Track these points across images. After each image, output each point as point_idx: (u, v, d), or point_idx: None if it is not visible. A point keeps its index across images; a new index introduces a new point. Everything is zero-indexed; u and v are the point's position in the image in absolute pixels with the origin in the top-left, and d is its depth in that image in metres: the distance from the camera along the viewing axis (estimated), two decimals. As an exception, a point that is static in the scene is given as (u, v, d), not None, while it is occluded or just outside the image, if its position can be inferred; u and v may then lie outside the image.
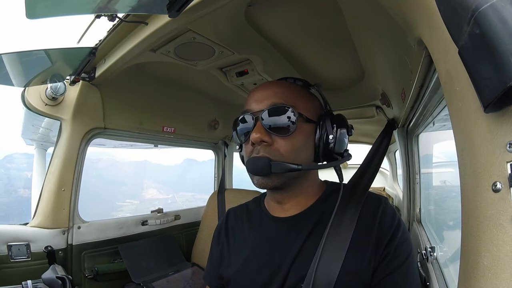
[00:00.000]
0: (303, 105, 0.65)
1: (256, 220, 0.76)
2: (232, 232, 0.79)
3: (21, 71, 1.06)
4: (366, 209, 0.64)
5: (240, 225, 0.79)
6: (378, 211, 0.63)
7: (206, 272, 0.85)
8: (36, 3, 0.62)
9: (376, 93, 1.31)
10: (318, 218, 0.66)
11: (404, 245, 0.60)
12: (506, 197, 0.26)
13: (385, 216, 0.62)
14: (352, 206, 0.64)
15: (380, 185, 3.43)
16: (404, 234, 0.61)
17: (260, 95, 0.66)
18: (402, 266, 0.58)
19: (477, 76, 0.26)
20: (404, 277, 0.58)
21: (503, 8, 0.23)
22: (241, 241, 0.76)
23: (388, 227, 0.60)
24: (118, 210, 27.88)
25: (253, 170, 0.62)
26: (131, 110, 1.49)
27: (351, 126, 0.69)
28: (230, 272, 0.73)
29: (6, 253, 1.11)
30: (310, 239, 0.64)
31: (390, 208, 0.64)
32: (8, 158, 26.76)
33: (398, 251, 0.59)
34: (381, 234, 0.60)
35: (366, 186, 0.75)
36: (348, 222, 0.62)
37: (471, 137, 0.30)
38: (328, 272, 0.58)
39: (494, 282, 0.27)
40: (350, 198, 0.66)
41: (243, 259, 0.71)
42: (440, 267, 0.86)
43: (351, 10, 0.76)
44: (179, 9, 0.70)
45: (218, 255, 0.79)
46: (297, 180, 0.67)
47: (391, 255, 0.58)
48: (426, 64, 0.59)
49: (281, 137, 0.62)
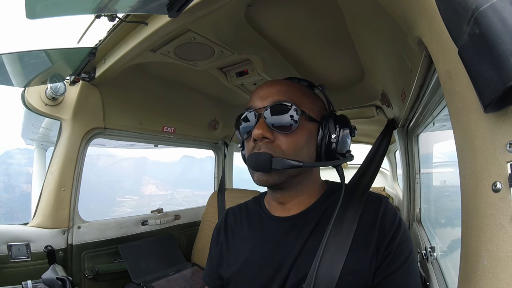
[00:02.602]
0: (306, 104, 0.65)
1: (256, 220, 0.76)
2: (232, 232, 0.78)
3: (21, 71, 1.05)
4: (367, 209, 0.64)
5: (239, 224, 0.78)
6: (379, 210, 0.63)
7: (205, 273, 0.85)
8: (36, 3, 0.62)
9: (376, 93, 1.32)
10: (319, 217, 0.66)
11: (405, 245, 0.60)
12: (506, 197, 0.26)
13: (386, 216, 0.62)
14: (353, 206, 0.64)
15: (380, 185, 3.43)
16: (405, 233, 0.61)
17: (264, 92, 0.66)
18: (403, 266, 0.58)
19: (477, 76, 0.26)
20: (405, 276, 0.58)
21: (503, 8, 0.23)
22: (240, 240, 0.75)
23: (389, 226, 0.60)
24: (119, 205, 27.90)
25: (254, 165, 0.62)
26: (131, 110, 1.49)
27: (354, 127, 0.69)
28: (230, 272, 0.72)
29: (6, 253, 1.11)
30: (311, 239, 0.64)
31: (391, 208, 0.64)
32: (8, 154, 26.77)
33: (399, 251, 0.59)
34: (382, 234, 0.60)
35: (367, 185, 0.75)
36: (349, 222, 0.62)
37: (471, 137, 0.30)
38: (329, 272, 0.58)
39: (494, 282, 0.27)
40: (351, 198, 0.66)
41: (243, 259, 0.71)
42: (440, 267, 0.86)
43: (351, 10, 0.76)
44: (179, 9, 0.70)
45: (218, 255, 0.78)
46: (298, 178, 0.66)
47: (393, 255, 0.58)
48: (426, 64, 0.59)
49: (283, 134, 0.62)
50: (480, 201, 0.29)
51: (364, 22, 0.79)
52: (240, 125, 0.68)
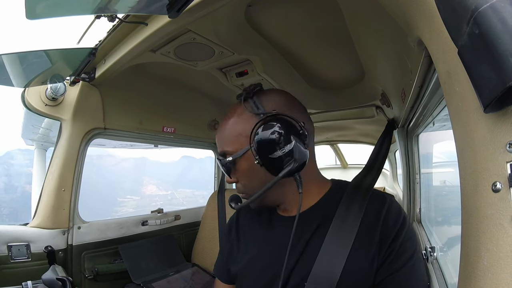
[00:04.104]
0: (232, 144, 0.68)
1: (265, 218, 0.78)
2: (243, 230, 0.82)
3: (21, 71, 1.05)
4: (370, 208, 0.63)
5: (250, 222, 0.81)
6: (383, 209, 0.62)
7: (216, 264, 0.88)
8: (36, 3, 0.62)
9: (376, 93, 1.31)
10: (323, 217, 0.66)
11: (408, 243, 0.59)
12: (506, 197, 0.26)
13: (389, 214, 0.61)
14: (356, 205, 0.64)
15: (380, 185, 3.42)
16: (409, 232, 0.60)
17: None
18: (406, 265, 0.58)
19: (477, 76, 0.26)
20: (408, 275, 0.58)
21: (503, 8, 0.23)
22: (251, 238, 0.78)
23: (393, 225, 0.60)
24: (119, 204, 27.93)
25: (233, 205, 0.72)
26: (131, 110, 1.49)
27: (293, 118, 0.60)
28: (237, 268, 0.76)
29: (6, 254, 1.11)
30: (314, 238, 0.64)
31: (395, 207, 0.64)
32: (9, 155, 26.81)
33: (402, 249, 0.58)
34: (385, 233, 0.59)
35: (370, 185, 0.75)
36: (352, 221, 0.62)
37: (471, 137, 0.30)
38: (331, 271, 0.58)
39: (494, 282, 0.27)
40: (354, 197, 0.66)
41: (250, 256, 0.74)
42: (440, 267, 0.86)
43: (351, 10, 0.76)
44: (179, 9, 0.70)
45: (228, 250, 0.82)
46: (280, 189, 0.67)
47: (395, 254, 0.58)
48: (426, 64, 0.59)
49: (235, 175, 0.70)
50: (480, 201, 0.29)
51: (364, 22, 0.79)
52: None
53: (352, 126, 2.04)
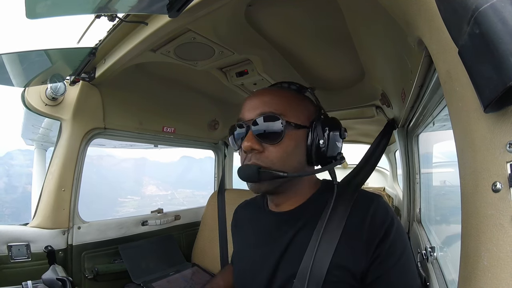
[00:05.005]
0: (292, 112, 0.66)
1: (258, 213, 0.81)
2: (241, 224, 0.87)
3: (21, 71, 1.05)
4: (357, 207, 0.64)
5: (244, 221, 0.85)
6: (370, 209, 0.62)
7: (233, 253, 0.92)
8: (36, 3, 0.62)
9: (376, 93, 1.31)
10: (309, 215, 0.67)
11: (398, 244, 0.59)
12: (506, 197, 0.26)
13: (376, 214, 0.61)
14: (342, 205, 0.65)
15: (380, 185, 3.43)
16: (397, 232, 0.60)
17: (251, 104, 0.69)
18: (396, 265, 0.58)
19: (477, 76, 0.26)
20: (398, 275, 0.58)
21: (503, 8, 0.23)
22: (247, 232, 0.81)
23: (380, 225, 0.60)
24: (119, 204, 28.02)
25: (243, 177, 0.66)
26: (131, 110, 1.48)
27: (344, 129, 0.70)
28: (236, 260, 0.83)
29: (6, 254, 1.11)
30: (299, 235, 0.66)
31: (383, 206, 0.64)
32: (10, 155, 26.84)
33: (391, 250, 0.58)
34: (372, 233, 0.59)
35: (359, 184, 0.76)
36: (337, 220, 0.63)
37: (471, 137, 0.30)
38: (318, 267, 0.59)
39: (494, 282, 0.27)
40: (341, 196, 0.66)
41: (243, 250, 0.79)
42: (440, 267, 0.86)
43: (351, 10, 0.76)
44: (179, 9, 0.70)
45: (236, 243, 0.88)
46: (290, 183, 0.68)
47: (385, 254, 0.58)
48: (426, 64, 0.59)
49: (271, 145, 0.64)
50: (480, 201, 0.29)
51: (364, 22, 0.79)
52: (233, 136, 0.70)
53: (352, 126, 2.05)
